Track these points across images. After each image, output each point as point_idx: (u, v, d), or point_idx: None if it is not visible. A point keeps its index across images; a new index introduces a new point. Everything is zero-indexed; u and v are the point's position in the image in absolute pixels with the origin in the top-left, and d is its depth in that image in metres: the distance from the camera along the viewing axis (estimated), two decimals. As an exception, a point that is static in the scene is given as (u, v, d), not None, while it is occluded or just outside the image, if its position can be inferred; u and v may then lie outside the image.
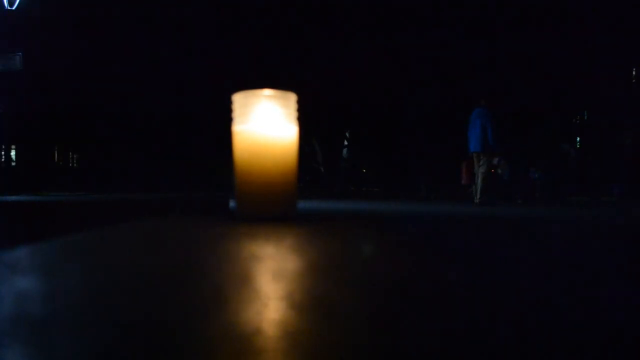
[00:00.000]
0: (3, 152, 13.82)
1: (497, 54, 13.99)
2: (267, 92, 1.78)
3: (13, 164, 14.84)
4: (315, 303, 0.63)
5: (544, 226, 2.36)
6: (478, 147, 6.68)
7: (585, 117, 17.44)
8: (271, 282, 0.76)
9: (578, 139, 17.42)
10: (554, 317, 0.58)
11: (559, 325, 0.54)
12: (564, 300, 0.68)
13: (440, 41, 14.21)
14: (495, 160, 7.34)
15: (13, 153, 15.16)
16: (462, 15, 14.35)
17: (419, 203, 7.42)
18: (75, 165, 19.40)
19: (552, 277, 0.87)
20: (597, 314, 0.61)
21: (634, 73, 15.75)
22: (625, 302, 0.69)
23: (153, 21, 14.51)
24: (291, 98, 1.82)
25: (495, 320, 0.58)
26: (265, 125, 1.76)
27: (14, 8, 8.68)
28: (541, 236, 1.77)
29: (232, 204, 3.38)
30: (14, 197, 5.55)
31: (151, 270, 0.89)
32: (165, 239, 1.42)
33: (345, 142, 20.12)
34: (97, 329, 0.52)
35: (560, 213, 4.16)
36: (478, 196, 6.65)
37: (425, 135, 14.32)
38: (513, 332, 0.52)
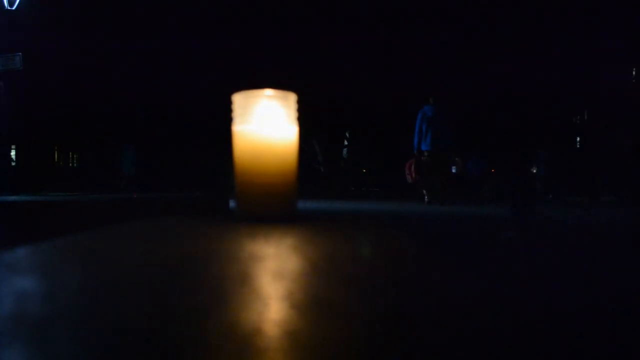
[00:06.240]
0: (3, 152, 13.81)
1: (494, 52, 13.99)
2: (267, 92, 1.78)
3: (13, 164, 14.83)
4: (316, 303, 0.63)
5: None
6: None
7: (585, 117, 17.42)
8: (272, 282, 0.76)
9: (578, 138, 17.41)
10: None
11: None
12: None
13: (437, 38, 14.21)
14: (454, 160, 7.38)
15: (13, 153, 15.15)
16: (461, 11, 14.35)
17: (418, 203, 7.41)
18: (75, 165, 19.40)
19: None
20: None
21: (634, 73, 15.72)
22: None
23: (153, 21, 14.50)
24: (291, 98, 1.82)
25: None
26: (265, 125, 1.76)
27: (14, 8, 8.67)
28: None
29: (232, 204, 3.38)
30: (14, 197, 5.55)
31: (150, 270, 0.88)
32: (164, 239, 1.42)
33: (345, 142, 20.13)
34: (97, 328, 0.52)
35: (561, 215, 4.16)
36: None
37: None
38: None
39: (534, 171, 11.93)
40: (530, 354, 0.46)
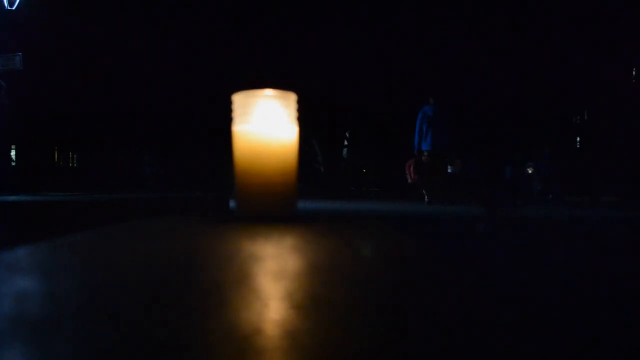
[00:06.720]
0: (3, 152, 13.79)
1: (494, 52, 13.97)
2: (267, 92, 1.78)
3: (13, 164, 14.82)
4: (316, 303, 0.63)
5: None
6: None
7: (585, 117, 17.42)
8: (272, 282, 0.76)
9: (578, 138, 17.42)
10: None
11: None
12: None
13: (437, 38, 14.21)
14: (454, 160, 7.41)
15: (13, 153, 15.14)
16: (460, 11, 14.34)
17: (418, 203, 7.40)
18: (75, 165, 19.42)
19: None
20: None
21: (634, 73, 15.71)
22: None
23: (153, 21, 14.51)
24: (291, 98, 1.82)
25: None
26: (265, 125, 1.76)
27: (14, 8, 8.66)
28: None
29: (232, 204, 3.38)
30: (13, 197, 5.55)
31: (150, 270, 0.88)
32: (164, 238, 1.42)
33: (345, 142, 20.11)
34: (97, 328, 0.52)
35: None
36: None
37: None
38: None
39: (530, 172, 11.93)
40: (529, 353, 0.46)
